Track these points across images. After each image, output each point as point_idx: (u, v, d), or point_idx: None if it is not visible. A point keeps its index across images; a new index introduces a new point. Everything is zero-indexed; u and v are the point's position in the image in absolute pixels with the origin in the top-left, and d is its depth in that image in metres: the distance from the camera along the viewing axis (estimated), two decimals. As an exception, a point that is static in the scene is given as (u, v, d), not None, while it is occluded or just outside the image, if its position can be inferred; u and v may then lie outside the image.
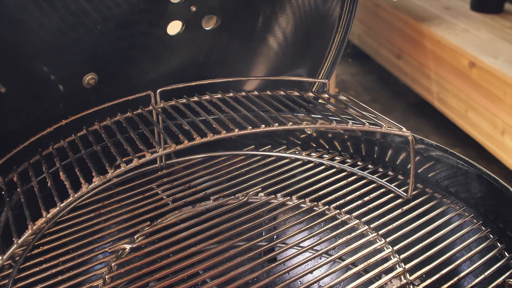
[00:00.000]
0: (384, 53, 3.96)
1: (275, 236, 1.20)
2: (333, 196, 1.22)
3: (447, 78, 3.18)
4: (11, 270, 1.03)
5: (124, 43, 1.22)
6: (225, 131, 1.08)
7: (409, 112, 3.68)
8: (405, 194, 1.22)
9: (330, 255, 1.07)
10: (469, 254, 1.06)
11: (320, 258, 1.29)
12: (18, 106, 1.15)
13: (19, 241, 0.91)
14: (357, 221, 1.16)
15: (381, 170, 1.33)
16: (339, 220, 1.17)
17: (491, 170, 1.17)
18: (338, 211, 1.19)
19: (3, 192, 1.04)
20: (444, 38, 3.17)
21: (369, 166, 1.34)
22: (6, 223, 0.96)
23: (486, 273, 1.02)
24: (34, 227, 0.91)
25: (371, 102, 3.81)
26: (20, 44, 1.07)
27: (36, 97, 1.17)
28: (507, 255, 1.07)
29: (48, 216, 0.92)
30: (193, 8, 1.23)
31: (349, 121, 1.12)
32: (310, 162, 1.36)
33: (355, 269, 1.02)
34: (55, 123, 1.16)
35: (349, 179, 1.28)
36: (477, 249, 1.08)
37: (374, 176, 1.29)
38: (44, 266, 1.05)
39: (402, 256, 1.06)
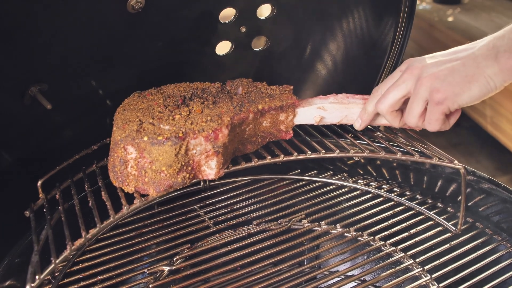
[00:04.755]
0: (436, 74, 3.88)
1: (317, 265, 1.17)
2: (379, 226, 1.19)
3: (502, 102, 3.10)
4: (50, 286, 1.03)
5: (173, 60, 1.22)
6: (270, 157, 1.06)
7: (460, 135, 3.60)
8: (454, 228, 1.17)
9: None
10: (520, 297, 1.02)
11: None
12: (64, 122, 1.15)
13: (57, 261, 0.91)
14: (402, 254, 1.12)
15: (429, 201, 1.28)
16: (383, 252, 1.13)
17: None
18: (383, 242, 1.15)
19: (44, 210, 1.04)
20: (499, 61, 3.09)
21: (418, 196, 1.30)
22: (46, 239, 0.96)
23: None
24: (73, 247, 0.91)
25: (421, 124, 3.74)
26: (68, 59, 1.08)
27: (83, 113, 1.17)
28: (560, 299, 1.03)
29: (87, 236, 0.92)
30: (243, 29, 1.22)
31: (398, 151, 1.09)
32: (356, 189, 1.32)
33: (398, 306, 0.99)
34: (100, 140, 1.16)
35: (396, 210, 1.24)
36: (530, 291, 1.03)
37: (422, 208, 1.24)
38: (82, 284, 1.05)
39: (448, 295, 1.02)
